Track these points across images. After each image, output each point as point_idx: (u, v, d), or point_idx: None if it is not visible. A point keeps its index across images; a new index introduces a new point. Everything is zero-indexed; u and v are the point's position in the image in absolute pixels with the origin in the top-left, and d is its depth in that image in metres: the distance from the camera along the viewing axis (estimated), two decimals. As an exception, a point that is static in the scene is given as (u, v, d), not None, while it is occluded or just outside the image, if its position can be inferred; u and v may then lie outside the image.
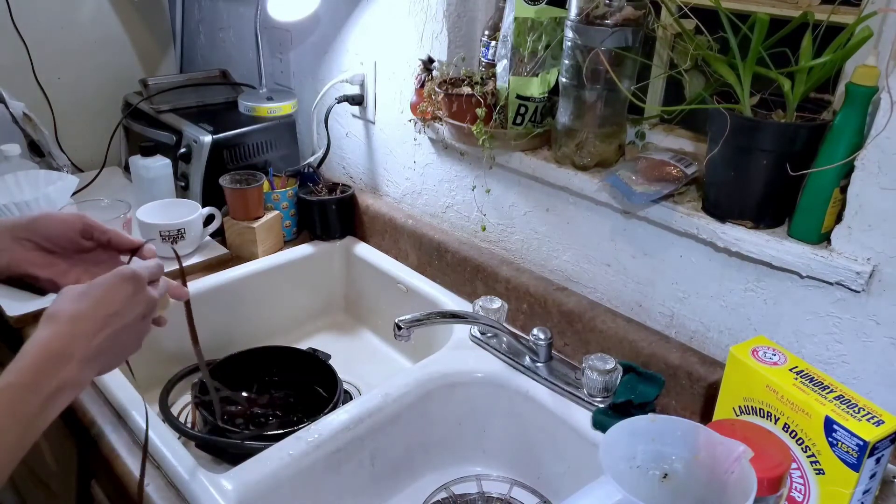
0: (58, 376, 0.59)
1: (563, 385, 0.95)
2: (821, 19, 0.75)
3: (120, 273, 0.67)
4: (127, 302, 0.66)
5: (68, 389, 0.60)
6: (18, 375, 0.58)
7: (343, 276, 1.39)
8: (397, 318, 0.88)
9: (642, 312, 0.99)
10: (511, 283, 1.10)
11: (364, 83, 1.33)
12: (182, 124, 1.41)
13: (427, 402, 0.98)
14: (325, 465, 0.88)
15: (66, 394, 0.60)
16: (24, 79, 1.60)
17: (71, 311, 0.63)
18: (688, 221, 0.87)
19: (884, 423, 0.66)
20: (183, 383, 1.11)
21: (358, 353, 1.31)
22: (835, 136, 0.75)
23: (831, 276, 0.78)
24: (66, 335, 0.61)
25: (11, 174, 1.28)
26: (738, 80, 0.80)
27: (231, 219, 1.30)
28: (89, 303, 0.64)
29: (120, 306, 0.65)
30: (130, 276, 0.67)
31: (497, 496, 0.99)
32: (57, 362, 0.60)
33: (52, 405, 0.59)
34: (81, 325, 0.62)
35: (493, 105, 1.04)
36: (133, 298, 0.66)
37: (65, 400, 0.60)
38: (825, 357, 0.83)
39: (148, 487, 0.80)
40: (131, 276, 0.67)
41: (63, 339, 0.61)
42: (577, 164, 0.98)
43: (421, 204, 1.30)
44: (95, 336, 0.63)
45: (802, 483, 0.71)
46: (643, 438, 0.67)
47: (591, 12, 0.89)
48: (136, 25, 1.77)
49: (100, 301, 0.64)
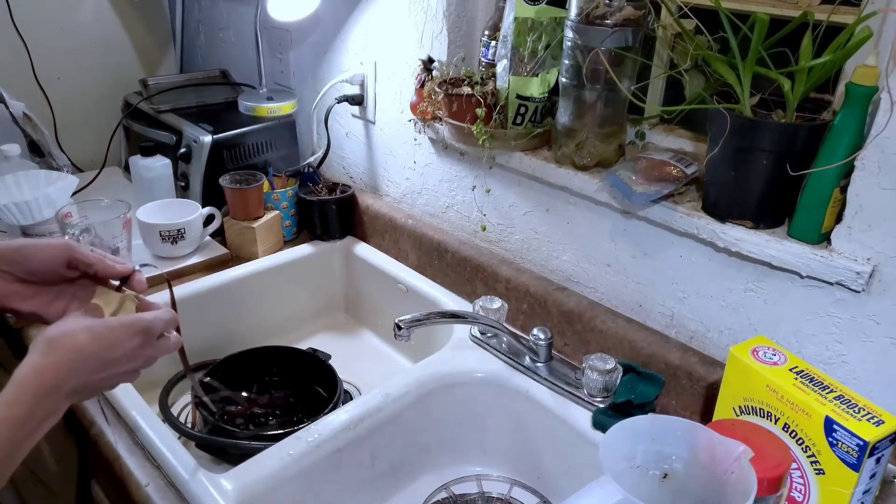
0: (47, 408, 0.59)
1: (563, 385, 0.95)
2: (821, 19, 0.75)
3: (134, 324, 0.65)
4: (132, 353, 0.65)
5: (49, 420, 0.60)
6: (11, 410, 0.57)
7: (343, 276, 1.39)
8: (397, 318, 0.88)
9: (642, 312, 0.99)
10: (511, 283, 1.10)
11: (364, 83, 1.33)
12: (182, 124, 1.41)
13: (427, 402, 0.98)
14: (325, 465, 0.88)
15: (48, 423, 0.60)
16: (24, 79, 1.61)
17: (74, 345, 0.61)
18: (688, 221, 0.87)
19: (884, 423, 0.66)
20: (183, 383, 1.11)
21: (358, 353, 1.31)
22: (835, 136, 0.75)
23: (831, 276, 0.78)
24: (63, 370, 0.60)
25: (11, 174, 1.28)
26: (738, 80, 0.80)
27: (231, 219, 1.30)
28: (96, 345, 0.62)
29: (123, 354, 0.64)
30: (143, 329, 0.65)
31: (497, 496, 0.99)
32: (48, 395, 0.59)
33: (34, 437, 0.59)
34: (80, 364, 0.61)
35: (493, 105, 1.04)
36: (139, 351, 0.66)
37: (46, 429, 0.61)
38: (825, 357, 0.83)
39: (148, 487, 0.80)
40: (144, 329, 0.65)
41: (59, 374, 0.60)
42: (577, 164, 0.98)
43: (421, 204, 1.30)
44: (91, 376, 0.62)
45: (802, 483, 0.71)
46: (643, 438, 0.67)
47: (591, 12, 0.89)
48: (136, 25, 1.78)
49: (106, 346, 0.63)
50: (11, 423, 0.57)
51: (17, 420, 0.57)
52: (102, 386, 0.65)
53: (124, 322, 0.65)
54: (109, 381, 0.65)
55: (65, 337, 0.62)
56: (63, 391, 0.60)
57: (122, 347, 0.64)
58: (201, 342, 1.21)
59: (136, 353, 0.65)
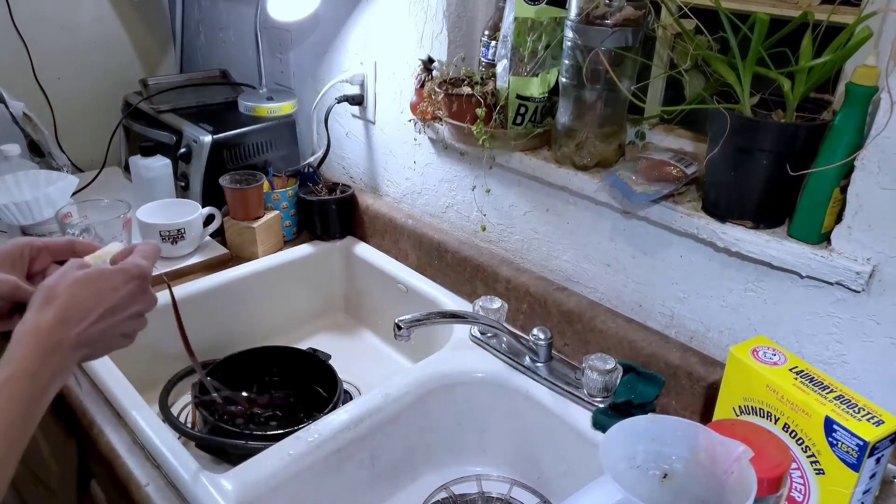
0: (53, 365, 0.59)
1: (563, 385, 0.95)
2: (821, 19, 0.75)
3: (127, 270, 0.65)
4: (128, 299, 0.65)
5: (59, 377, 0.60)
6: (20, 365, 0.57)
7: (343, 276, 1.39)
8: (397, 318, 0.88)
9: (642, 312, 0.99)
10: (511, 283, 1.10)
11: (364, 83, 1.33)
12: (182, 124, 1.41)
13: (427, 402, 0.98)
14: (325, 465, 0.88)
15: (58, 381, 0.60)
16: (24, 79, 1.60)
17: (69, 295, 0.61)
18: (688, 221, 0.87)
19: (884, 423, 0.66)
20: (183, 383, 1.11)
21: (358, 353, 1.31)
22: (835, 136, 0.75)
23: (831, 276, 0.78)
24: (62, 321, 0.60)
25: (11, 174, 1.28)
26: (738, 80, 0.80)
27: (231, 219, 1.30)
28: (90, 293, 0.62)
29: (120, 302, 0.64)
30: (137, 275, 0.66)
31: (497, 496, 0.99)
32: (53, 349, 0.59)
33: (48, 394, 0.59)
34: (79, 313, 0.61)
35: (493, 105, 1.04)
36: (135, 297, 0.65)
37: (57, 386, 0.60)
38: (825, 357, 0.83)
39: (148, 487, 0.80)
40: (138, 274, 0.66)
41: (59, 326, 0.59)
42: (577, 164, 0.98)
43: (421, 204, 1.30)
44: (90, 326, 0.61)
45: (802, 483, 0.71)
46: (643, 438, 0.67)
47: (591, 12, 0.89)
48: (136, 25, 1.78)
49: (101, 293, 0.63)
50: (23, 380, 0.57)
51: (27, 375, 0.57)
52: (108, 337, 0.64)
53: (119, 268, 0.65)
54: (114, 332, 0.65)
55: (59, 287, 0.61)
56: (67, 344, 0.60)
57: (119, 293, 0.64)
58: (201, 342, 1.20)
59: (134, 298, 0.65)
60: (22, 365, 0.57)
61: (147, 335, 0.72)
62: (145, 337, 0.72)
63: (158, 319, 1.14)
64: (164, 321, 1.16)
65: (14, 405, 0.56)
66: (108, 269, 0.65)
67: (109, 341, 0.65)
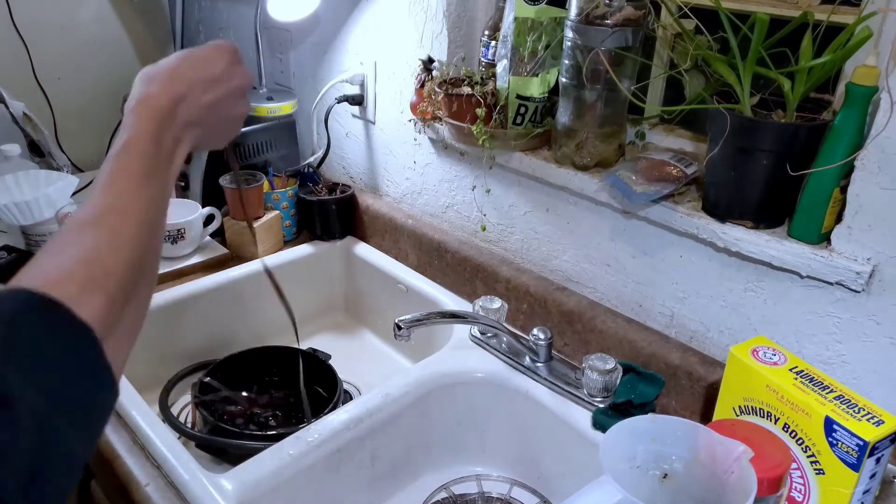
0: (172, 133, 0.57)
1: (563, 385, 0.95)
2: (821, 19, 0.75)
3: (220, 45, 0.64)
4: (226, 71, 0.64)
5: (179, 149, 0.58)
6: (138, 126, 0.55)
7: (343, 276, 1.39)
8: (397, 318, 0.88)
9: (642, 312, 0.99)
10: (511, 283, 1.10)
11: (364, 83, 1.33)
12: (182, 124, 1.40)
13: (427, 402, 0.98)
14: (325, 465, 0.88)
15: (179, 154, 0.58)
16: (24, 79, 1.60)
17: (167, 68, 0.60)
18: (688, 221, 0.87)
19: (884, 423, 0.66)
20: (183, 383, 1.11)
21: (358, 353, 1.31)
22: (835, 136, 0.75)
23: (831, 276, 0.78)
24: (167, 93, 0.58)
25: (11, 174, 1.28)
26: (738, 80, 0.80)
27: (231, 219, 1.30)
28: (188, 66, 0.61)
29: (219, 73, 0.63)
30: (228, 47, 0.65)
31: (497, 496, 0.99)
32: (165, 119, 0.57)
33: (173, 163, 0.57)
34: (180, 86, 0.59)
35: (493, 105, 1.03)
36: (231, 68, 0.64)
37: (180, 159, 0.58)
38: (825, 357, 0.83)
39: (147, 487, 0.80)
40: (229, 46, 0.65)
41: (164, 97, 0.58)
42: (577, 164, 0.98)
43: (421, 204, 1.30)
44: (197, 99, 0.60)
45: (802, 483, 0.71)
46: (643, 438, 0.67)
47: (591, 12, 0.89)
48: (136, 25, 1.78)
49: (199, 64, 0.62)
50: (144, 140, 0.54)
51: (149, 135, 0.55)
52: (215, 117, 0.63)
53: (210, 43, 0.64)
54: (221, 112, 0.63)
55: (156, 66, 0.60)
56: (178, 119, 0.58)
57: (214, 65, 0.63)
58: (201, 342, 1.21)
59: (229, 70, 0.64)
60: (140, 126, 0.55)
61: (147, 335, 0.72)
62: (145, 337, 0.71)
63: (159, 319, 1.15)
64: (164, 321, 1.16)
65: (140, 162, 0.54)
66: (199, 47, 0.64)
67: (218, 123, 0.64)
